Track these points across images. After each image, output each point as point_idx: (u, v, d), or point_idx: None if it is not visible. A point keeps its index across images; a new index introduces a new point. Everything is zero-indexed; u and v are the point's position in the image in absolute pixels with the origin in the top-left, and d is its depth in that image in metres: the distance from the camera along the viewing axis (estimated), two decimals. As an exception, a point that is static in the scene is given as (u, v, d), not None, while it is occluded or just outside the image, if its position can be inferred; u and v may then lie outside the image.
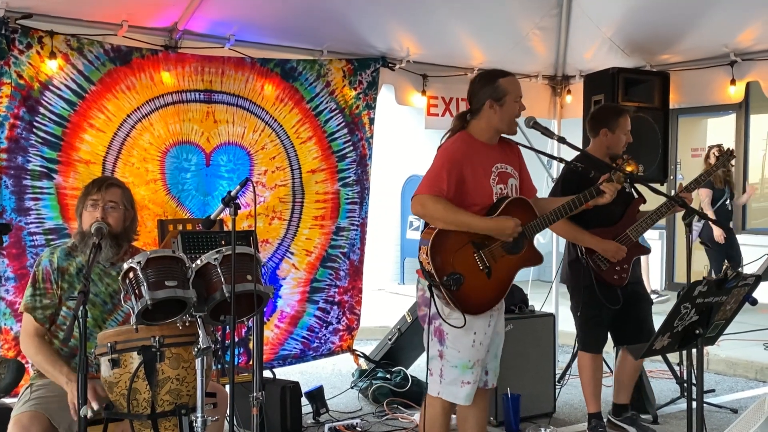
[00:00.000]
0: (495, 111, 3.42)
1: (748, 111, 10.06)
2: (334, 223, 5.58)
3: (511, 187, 3.51)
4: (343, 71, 5.51)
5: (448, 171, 3.33)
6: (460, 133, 3.50)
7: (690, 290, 2.96)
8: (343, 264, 5.66)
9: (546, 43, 6.09)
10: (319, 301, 5.59)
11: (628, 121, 4.52)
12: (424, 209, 3.30)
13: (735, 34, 5.42)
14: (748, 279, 3.08)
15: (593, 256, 4.39)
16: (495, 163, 3.47)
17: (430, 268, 3.27)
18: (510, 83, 3.43)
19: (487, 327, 3.44)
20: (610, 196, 3.44)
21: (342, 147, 5.57)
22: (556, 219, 3.46)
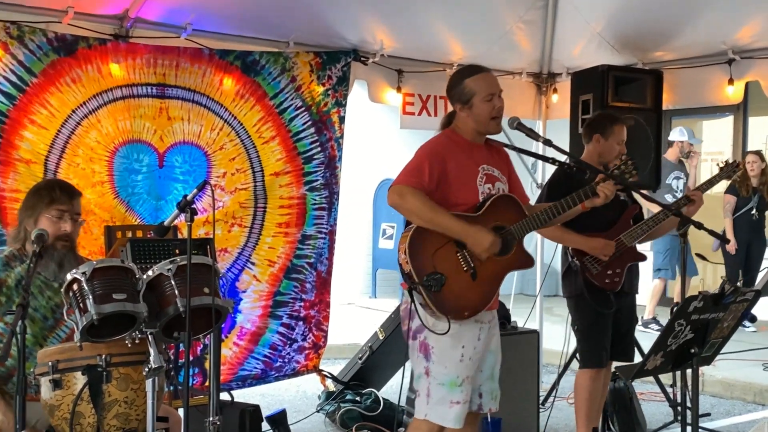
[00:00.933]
0: (466, 114, 3.47)
1: (746, 113, 10.20)
2: (299, 230, 5.57)
3: (499, 191, 3.53)
4: (310, 65, 5.51)
5: (431, 164, 3.35)
6: (445, 130, 3.54)
7: (685, 306, 2.99)
8: (310, 275, 5.65)
9: (531, 37, 6.14)
10: (282, 317, 5.58)
11: (623, 130, 4.60)
12: (402, 200, 3.30)
13: (733, 31, 5.50)
14: (747, 294, 3.12)
15: (583, 259, 4.45)
16: (481, 164, 3.49)
17: (409, 269, 3.27)
18: (476, 83, 3.45)
19: (476, 340, 3.44)
20: (605, 197, 3.47)
21: (309, 148, 5.56)
22: (547, 219, 3.47)
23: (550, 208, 3.47)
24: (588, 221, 4.36)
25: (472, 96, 3.44)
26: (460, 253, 3.32)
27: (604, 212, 4.43)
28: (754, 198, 8.44)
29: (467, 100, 3.44)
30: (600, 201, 3.48)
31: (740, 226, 8.52)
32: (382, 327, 5.82)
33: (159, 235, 3.34)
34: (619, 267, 4.49)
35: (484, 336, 3.48)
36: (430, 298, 3.25)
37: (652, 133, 5.90)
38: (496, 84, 3.49)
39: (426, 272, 3.26)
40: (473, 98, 3.43)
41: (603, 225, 4.50)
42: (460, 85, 3.46)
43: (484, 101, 3.44)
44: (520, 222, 3.43)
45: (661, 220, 4.49)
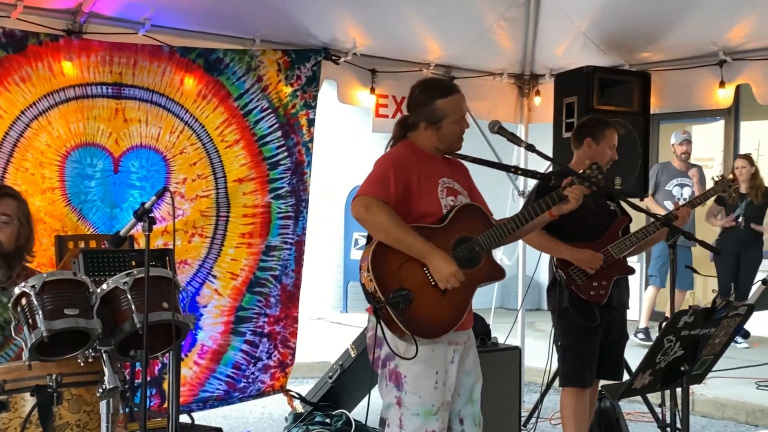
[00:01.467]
0: (431, 133, 3.48)
1: (738, 117, 10.32)
2: (264, 241, 5.56)
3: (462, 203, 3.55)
4: (277, 64, 5.50)
5: (396, 174, 3.36)
6: (403, 142, 3.56)
7: (675, 321, 3.02)
8: (275, 289, 5.64)
9: (512, 36, 6.18)
10: (246, 333, 5.56)
11: (615, 136, 4.66)
12: (368, 213, 3.29)
13: (724, 31, 5.58)
14: (740, 309, 3.15)
15: (568, 270, 4.49)
16: (442, 176, 3.52)
17: (373, 287, 3.26)
18: (450, 105, 3.47)
19: (449, 364, 3.44)
20: (575, 202, 3.48)
21: (275, 152, 5.55)
22: (514, 228, 3.48)
23: (517, 216, 3.50)
24: (575, 230, 4.40)
25: (442, 118, 3.45)
26: (427, 268, 3.33)
27: (593, 222, 4.47)
28: (741, 205, 8.50)
29: (437, 121, 3.46)
30: (569, 206, 3.48)
31: (728, 235, 8.58)
32: (353, 344, 5.81)
33: (114, 246, 3.32)
34: (605, 279, 4.52)
35: (458, 357, 3.48)
36: (398, 316, 3.24)
37: (639, 138, 5.97)
38: (465, 105, 3.53)
39: (391, 289, 3.24)
40: (443, 120, 3.45)
41: (591, 235, 4.54)
42: (430, 105, 3.46)
43: (454, 123, 3.47)
44: (487, 232, 3.44)
45: (651, 233, 4.53)
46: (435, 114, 3.45)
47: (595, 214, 3.56)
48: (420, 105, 3.49)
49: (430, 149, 3.52)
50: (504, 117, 6.52)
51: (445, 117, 3.44)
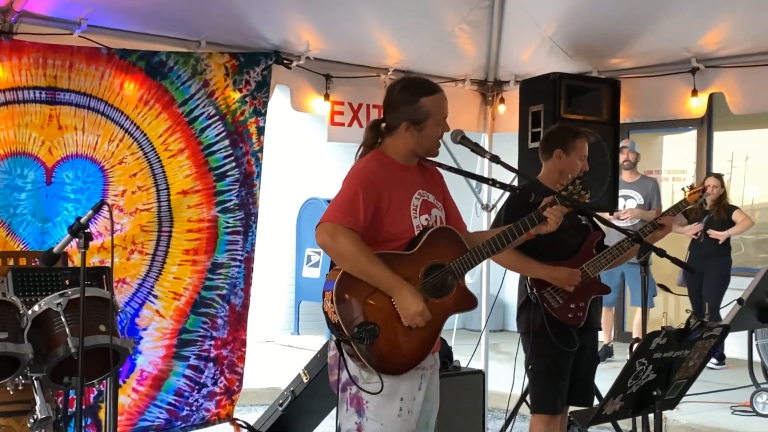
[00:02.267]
0: (412, 134, 3.47)
1: (711, 127, 10.49)
2: (210, 258, 5.53)
3: (436, 220, 3.55)
4: (225, 68, 5.49)
5: (365, 198, 3.33)
6: (374, 153, 3.52)
7: (646, 343, 3.05)
8: (222, 310, 5.60)
9: (475, 40, 6.23)
10: (190, 358, 5.51)
11: (585, 145, 4.71)
12: (334, 242, 3.28)
13: (697, 36, 5.67)
14: (715, 330, 3.20)
15: (544, 291, 4.51)
16: (416, 190, 3.51)
17: (337, 319, 3.26)
18: (434, 103, 3.47)
19: (417, 391, 3.44)
20: (555, 223, 3.49)
21: (222, 163, 5.53)
22: (490, 252, 3.50)
23: (493, 239, 3.49)
24: (549, 248, 4.42)
25: (426, 118, 3.45)
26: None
27: (566, 238, 4.50)
28: (702, 220, 8.78)
29: (420, 122, 3.45)
30: (548, 227, 3.50)
31: (693, 252, 8.88)
32: (306, 368, 5.80)
33: (46, 264, 3.28)
34: (582, 300, 4.56)
35: (425, 384, 3.49)
36: (362, 352, 3.25)
37: (608, 148, 6.02)
38: (447, 106, 3.54)
39: (356, 323, 3.25)
40: (427, 120, 3.45)
41: (564, 253, 4.57)
42: (413, 103, 3.45)
43: (436, 125, 3.48)
44: (460, 258, 3.44)
45: (626, 249, 4.58)
46: (419, 113, 3.43)
47: (568, 231, 3.58)
48: (402, 104, 3.47)
49: (405, 156, 3.51)
50: (466, 126, 6.57)
51: (429, 117, 3.44)
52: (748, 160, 10.61)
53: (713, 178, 8.82)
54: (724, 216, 8.77)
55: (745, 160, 10.60)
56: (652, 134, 11.51)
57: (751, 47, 5.56)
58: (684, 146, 11.07)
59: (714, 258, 8.78)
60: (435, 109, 3.46)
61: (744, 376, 7.46)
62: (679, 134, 11.29)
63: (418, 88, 3.51)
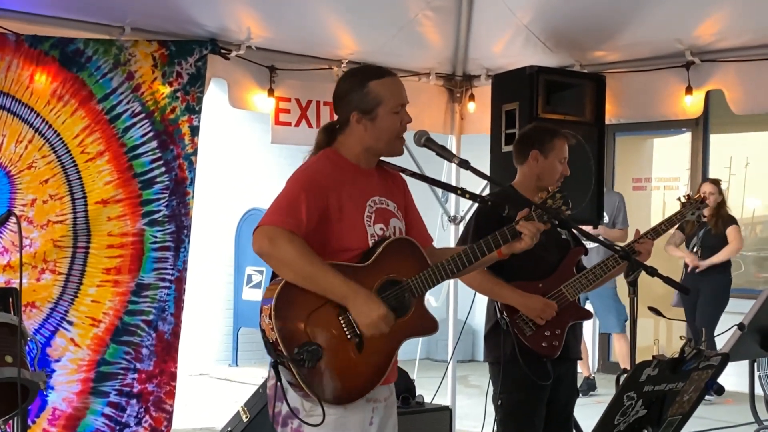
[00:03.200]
0: (365, 127, 3.46)
1: (707, 129, 10.61)
2: (134, 278, 5.48)
3: (394, 231, 3.54)
4: (153, 58, 5.46)
5: (308, 198, 3.32)
6: (325, 151, 3.51)
7: (635, 374, 3.06)
8: (148, 338, 5.55)
9: (441, 29, 6.25)
10: (110, 394, 5.46)
11: (565, 146, 4.72)
12: (274, 248, 3.26)
13: (692, 26, 5.73)
14: (712, 359, 3.22)
15: (515, 317, 4.51)
16: (372, 196, 3.49)
17: (275, 337, 3.23)
18: (386, 87, 3.46)
19: (368, 426, 3.42)
20: (530, 240, 3.50)
21: (149, 167, 5.50)
22: (455, 270, 3.49)
23: (459, 256, 3.49)
24: (522, 266, 4.42)
25: (377, 104, 3.43)
26: (343, 317, 3.31)
27: (542, 255, 4.52)
28: (699, 234, 8.87)
29: (370, 110, 3.43)
30: (523, 245, 3.50)
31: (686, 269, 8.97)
32: (246, 405, 5.77)
33: (-58, 285, 3.22)
34: (559, 327, 4.56)
35: (378, 419, 3.47)
36: (303, 376, 3.22)
37: (592, 153, 6.07)
38: (405, 93, 3.52)
39: (297, 342, 3.21)
40: (379, 108, 3.43)
41: (540, 271, 4.58)
42: (362, 89, 3.44)
43: (392, 113, 3.46)
44: (421, 274, 3.43)
45: (610, 268, 4.60)
46: (369, 100, 3.41)
47: (545, 247, 3.58)
48: (348, 92, 3.46)
49: (361, 156, 3.50)
50: (431, 126, 6.58)
51: (380, 103, 3.42)
52: (748, 166, 10.73)
53: (709, 185, 8.91)
54: (722, 229, 8.86)
55: (745, 167, 10.73)
56: (640, 137, 11.62)
57: (752, 39, 5.63)
58: (677, 151, 11.18)
59: (712, 275, 8.85)
60: (387, 93, 3.44)
61: (745, 412, 7.53)
62: (671, 137, 11.41)
63: (365, 73, 3.52)
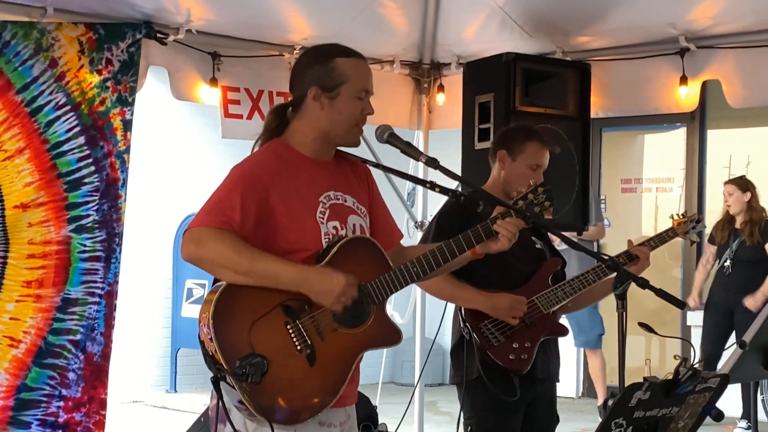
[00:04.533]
0: (322, 106, 3.46)
1: (704, 124, 10.68)
2: (59, 292, 5.45)
3: (353, 229, 3.54)
4: (79, 43, 5.43)
5: (243, 195, 3.32)
6: (272, 142, 3.52)
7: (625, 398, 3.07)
8: (75, 360, 5.52)
9: (406, 11, 6.26)
10: (31, 424, 5.42)
11: (540, 152, 4.67)
12: (201, 248, 3.27)
13: (687, 8, 5.78)
14: (710, 381, 3.24)
15: (479, 326, 4.52)
16: (325, 191, 3.49)
17: (214, 349, 3.23)
18: (353, 67, 3.48)
19: (320, 451, 3.43)
20: (508, 241, 3.50)
21: (76, 166, 5.47)
22: (420, 273, 3.48)
23: (426, 257, 3.48)
24: (488, 275, 4.44)
25: (341, 83, 3.44)
26: (292, 326, 3.31)
27: (514, 264, 4.53)
28: (732, 245, 8.57)
29: (332, 87, 3.43)
30: (499, 245, 3.51)
31: (718, 285, 8.66)
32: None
33: None
34: (529, 340, 4.57)
35: (333, 446, 3.48)
36: (246, 393, 3.22)
37: (576, 150, 6.08)
38: (371, 81, 3.54)
39: (239, 355, 3.22)
40: (342, 87, 3.44)
41: (510, 282, 4.60)
42: (326, 63, 3.45)
43: (355, 97, 3.46)
44: (381, 278, 3.44)
45: (592, 281, 4.61)
46: (333, 76, 3.43)
47: (515, 254, 3.58)
48: (310, 65, 3.48)
49: (314, 146, 3.49)
50: (396, 121, 6.58)
51: (344, 82, 3.43)
52: (749, 165, 10.79)
53: (730, 185, 8.59)
54: (760, 239, 8.43)
55: (747, 166, 10.78)
56: (630, 133, 11.68)
57: (754, 22, 5.70)
58: (670, 148, 11.24)
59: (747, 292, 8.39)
60: (353, 74, 3.46)
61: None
62: (664, 133, 11.48)
63: (333, 48, 3.53)
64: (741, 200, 8.44)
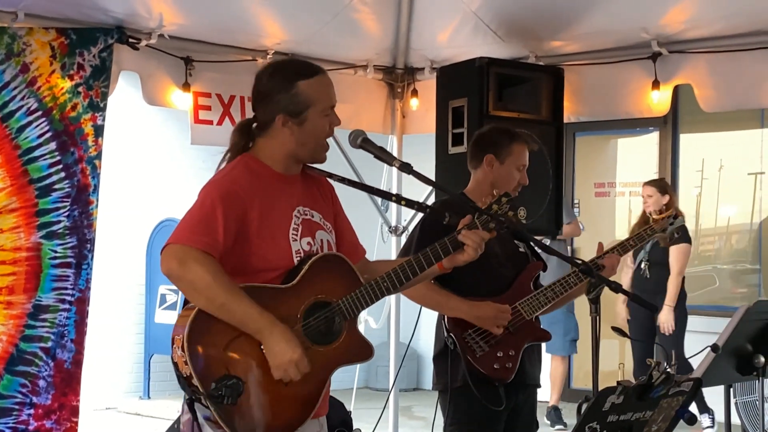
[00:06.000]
0: (291, 131, 3.47)
1: (676, 128, 10.71)
2: (30, 298, 5.42)
3: (322, 244, 3.55)
4: (51, 48, 5.41)
5: (226, 212, 3.32)
6: (242, 157, 3.51)
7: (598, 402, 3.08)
8: (45, 368, 5.49)
9: (380, 16, 6.26)
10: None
11: (525, 152, 4.73)
12: (184, 270, 3.26)
13: (659, 13, 5.82)
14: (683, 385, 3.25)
15: (463, 335, 4.52)
16: (296, 206, 3.51)
17: (188, 371, 3.23)
18: (316, 88, 3.48)
19: (293, 463, 3.43)
20: (474, 252, 3.51)
21: (47, 172, 5.45)
22: (390, 288, 3.50)
23: (395, 272, 3.50)
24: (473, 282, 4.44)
25: (307, 107, 3.44)
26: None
27: (496, 269, 4.53)
28: (645, 247, 8.64)
29: (299, 112, 3.44)
30: (466, 257, 3.52)
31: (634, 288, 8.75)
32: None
33: None
34: (513, 348, 4.58)
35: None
36: (222, 414, 3.22)
37: (549, 155, 6.10)
38: (334, 92, 3.54)
39: (215, 376, 3.22)
40: (309, 110, 3.45)
41: (494, 287, 4.60)
42: (290, 89, 3.45)
43: (322, 116, 3.48)
44: (352, 294, 3.45)
45: (572, 285, 4.63)
46: (299, 102, 3.43)
47: (499, 260, 3.59)
48: (274, 92, 3.47)
49: (284, 162, 3.51)
50: (369, 126, 6.58)
51: (310, 105, 3.44)
52: (722, 169, 10.85)
53: (651, 187, 8.67)
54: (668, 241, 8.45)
55: (719, 170, 10.84)
56: (603, 137, 11.71)
57: (725, 27, 5.73)
58: (643, 152, 11.26)
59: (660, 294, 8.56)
60: (317, 95, 3.47)
61: (720, 444, 7.64)
62: (637, 137, 11.51)
63: (293, 70, 3.52)
64: (659, 203, 8.45)
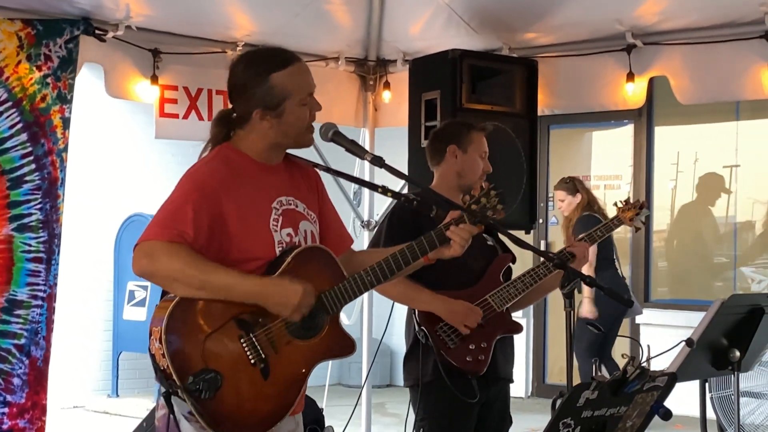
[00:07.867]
0: (270, 123, 3.46)
1: (651, 121, 10.76)
2: (3, 292, 5.40)
3: (305, 236, 3.55)
4: (18, 38, 5.39)
5: (196, 206, 3.31)
6: (220, 148, 3.50)
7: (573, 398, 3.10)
8: (20, 365, 5.46)
9: (351, 7, 6.26)
10: (-28, 432, 5.38)
11: (484, 140, 4.78)
12: (153, 263, 3.25)
13: (633, 4, 5.84)
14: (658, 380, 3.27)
15: (435, 328, 4.54)
16: (277, 196, 3.49)
17: (166, 364, 3.22)
18: (292, 78, 3.47)
19: (269, 460, 3.44)
20: (461, 247, 3.52)
21: (19, 164, 5.43)
22: (375, 281, 3.50)
23: (380, 265, 3.50)
24: (442, 275, 4.45)
25: (284, 99, 3.43)
26: (246, 339, 3.31)
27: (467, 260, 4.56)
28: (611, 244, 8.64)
29: (276, 105, 3.43)
30: (452, 252, 3.54)
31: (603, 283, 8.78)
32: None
33: None
34: (485, 340, 4.60)
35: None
36: (199, 409, 3.22)
37: (523, 148, 6.12)
38: (312, 79, 3.53)
39: (192, 370, 3.22)
40: (286, 102, 3.43)
41: (463, 280, 4.62)
42: (264, 83, 3.43)
43: (300, 105, 3.47)
44: (336, 287, 3.46)
45: (542, 276, 4.65)
46: (274, 95, 3.42)
47: (469, 253, 3.60)
48: (249, 85, 3.45)
49: (265, 151, 3.50)
50: (341, 119, 6.58)
51: (287, 97, 3.42)
52: (697, 162, 10.91)
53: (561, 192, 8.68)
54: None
55: (694, 163, 10.91)
56: (577, 130, 11.75)
57: (700, 19, 5.76)
58: (618, 145, 11.31)
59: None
60: (293, 85, 3.45)
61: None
62: (611, 130, 11.55)
63: (266, 61, 3.49)
64: (573, 203, 8.54)
